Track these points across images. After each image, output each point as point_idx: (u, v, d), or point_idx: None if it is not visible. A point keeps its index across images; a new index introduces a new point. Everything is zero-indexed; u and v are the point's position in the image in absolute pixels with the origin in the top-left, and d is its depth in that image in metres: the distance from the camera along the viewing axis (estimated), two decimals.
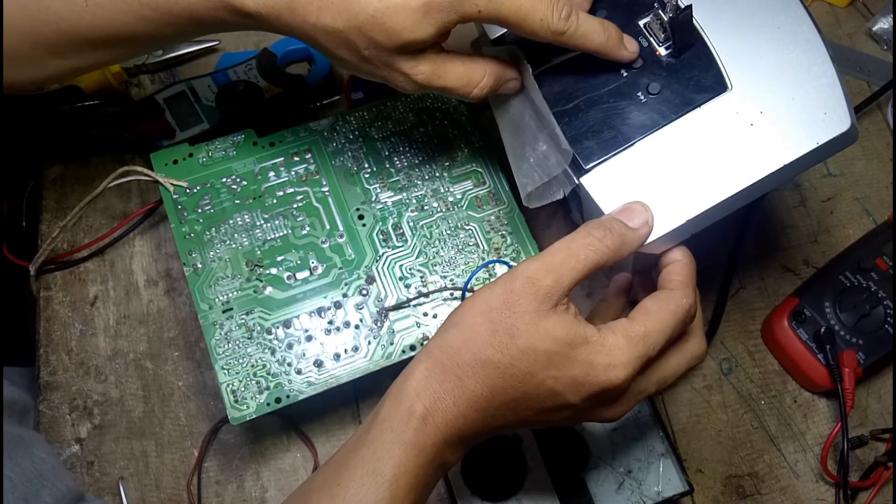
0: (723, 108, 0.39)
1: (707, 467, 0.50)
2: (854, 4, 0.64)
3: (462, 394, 0.34)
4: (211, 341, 0.46)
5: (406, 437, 0.34)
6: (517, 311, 0.34)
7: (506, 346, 0.34)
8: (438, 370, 0.35)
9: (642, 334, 0.35)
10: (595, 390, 0.35)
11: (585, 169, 0.39)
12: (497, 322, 0.35)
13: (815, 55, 0.39)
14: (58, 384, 0.51)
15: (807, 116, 0.38)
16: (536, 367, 0.34)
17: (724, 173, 0.38)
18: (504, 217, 0.50)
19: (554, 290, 0.35)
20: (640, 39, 0.40)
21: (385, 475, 0.33)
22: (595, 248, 0.36)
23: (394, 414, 0.34)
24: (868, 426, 0.51)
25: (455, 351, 0.35)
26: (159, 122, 0.56)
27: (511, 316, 0.35)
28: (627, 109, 0.39)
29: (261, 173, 0.50)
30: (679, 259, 0.38)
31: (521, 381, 0.35)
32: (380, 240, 0.49)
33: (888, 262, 0.52)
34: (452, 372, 0.35)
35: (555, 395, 0.35)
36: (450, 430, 0.34)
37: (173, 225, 0.48)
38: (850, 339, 0.50)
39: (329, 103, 0.60)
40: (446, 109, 0.53)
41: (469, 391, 0.34)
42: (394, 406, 0.35)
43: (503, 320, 0.35)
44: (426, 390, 0.35)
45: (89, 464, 0.49)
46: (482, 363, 0.35)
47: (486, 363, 0.34)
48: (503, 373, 0.34)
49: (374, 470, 0.33)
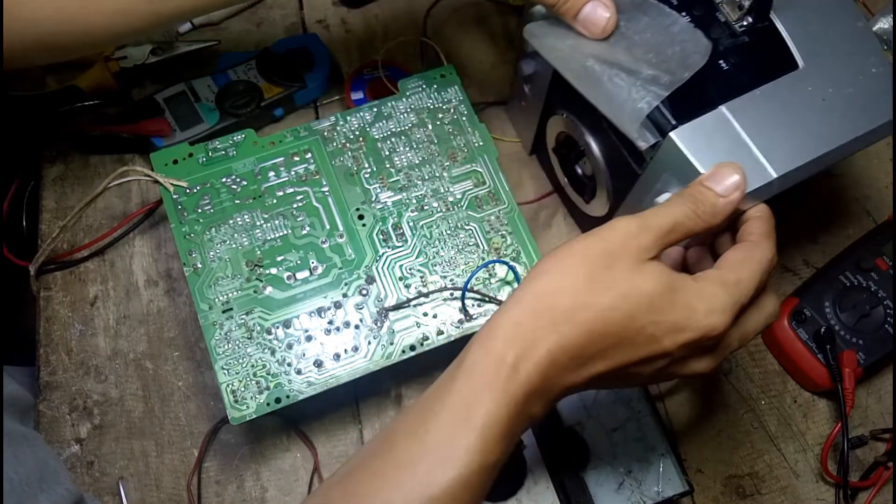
0: (796, 83, 0.42)
1: (707, 467, 0.50)
2: None
3: (556, 340, 0.33)
4: (211, 341, 0.46)
5: (496, 386, 0.32)
6: (617, 258, 0.34)
7: (607, 289, 0.33)
8: (530, 316, 0.33)
9: (735, 282, 0.35)
10: (694, 337, 0.34)
11: (674, 124, 0.40)
12: (596, 268, 0.34)
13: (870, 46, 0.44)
14: (58, 384, 0.51)
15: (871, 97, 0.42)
16: (638, 311, 0.33)
17: (802, 139, 0.40)
18: (504, 217, 0.50)
19: (651, 247, 0.35)
20: (718, 15, 0.43)
21: (475, 424, 0.32)
22: (689, 217, 0.36)
23: (482, 362, 0.33)
24: (868, 426, 0.51)
25: (550, 295, 0.34)
26: (159, 122, 0.56)
27: (611, 262, 0.34)
28: (710, 76, 0.41)
29: (261, 173, 0.50)
30: (759, 214, 0.38)
31: (621, 326, 0.33)
32: (380, 240, 0.49)
33: (888, 262, 0.52)
34: (546, 318, 0.33)
35: (652, 342, 0.34)
36: (541, 379, 0.33)
37: (173, 225, 0.48)
38: (850, 339, 0.50)
39: (329, 103, 0.61)
40: (446, 109, 0.53)
41: (564, 337, 0.33)
42: (482, 354, 0.33)
43: (602, 267, 0.34)
44: (517, 337, 0.33)
45: (89, 464, 0.49)
46: (580, 307, 0.33)
47: (585, 307, 0.33)
48: (603, 317, 0.33)
49: (464, 418, 0.32)
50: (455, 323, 0.47)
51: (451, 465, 0.31)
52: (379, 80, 0.59)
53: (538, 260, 0.36)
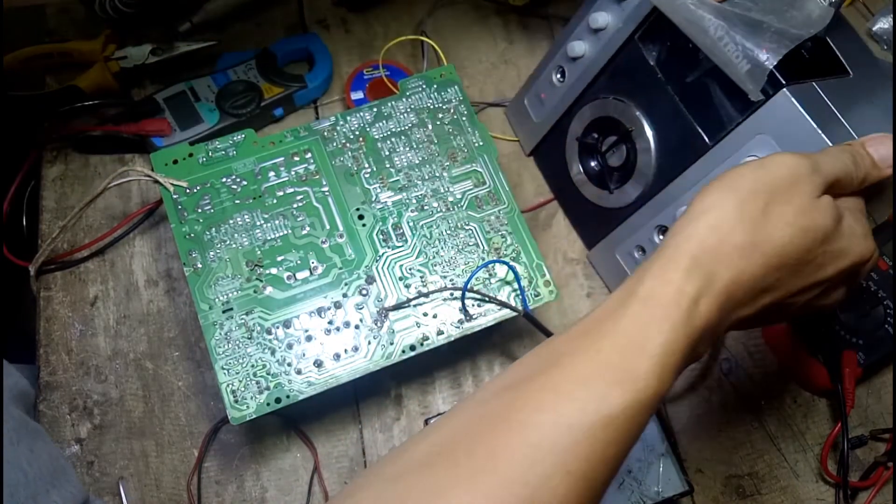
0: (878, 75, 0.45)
1: (707, 467, 0.50)
2: (854, 4, 0.64)
3: (734, 275, 0.33)
4: (211, 341, 0.46)
5: (677, 318, 0.32)
6: (792, 193, 0.34)
7: (786, 224, 0.34)
8: (708, 250, 0.33)
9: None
10: (854, 261, 0.36)
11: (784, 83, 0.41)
12: (770, 202, 0.34)
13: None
14: (58, 384, 0.51)
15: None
16: (814, 245, 0.35)
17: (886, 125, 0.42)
18: (504, 217, 0.50)
19: (820, 186, 0.35)
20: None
21: (652, 352, 0.31)
22: (849, 176, 0.37)
23: (661, 292, 0.32)
24: (868, 426, 0.51)
25: (725, 231, 0.33)
26: (159, 122, 0.56)
27: (786, 197, 0.34)
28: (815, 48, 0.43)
29: (261, 173, 0.50)
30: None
31: (795, 259, 0.34)
32: (380, 240, 0.49)
33: (888, 262, 0.52)
34: (724, 252, 0.33)
35: (818, 271, 0.35)
36: (718, 314, 0.33)
37: (173, 225, 0.48)
38: (850, 339, 0.50)
39: (329, 103, 0.61)
40: (446, 109, 0.53)
41: (741, 272, 0.33)
42: (660, 284, 0.32)
43: (776, 202, 0.34)
44: (697, 270, 0.33)
45: (89, 464, 0.49)
46: (757, 242, 0.33)
47: (762, 242, 0.34)
48: (779, 252, 0.34)
49: (640, 345, 0.31)
50: (455, 323, 0.47)
51: (629, 386, 0.31)
52: (379, 80, 0.59)
53: (701, 190, 0.35)
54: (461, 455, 0.30)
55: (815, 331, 0.51)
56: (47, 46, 0.59)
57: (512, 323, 0.49)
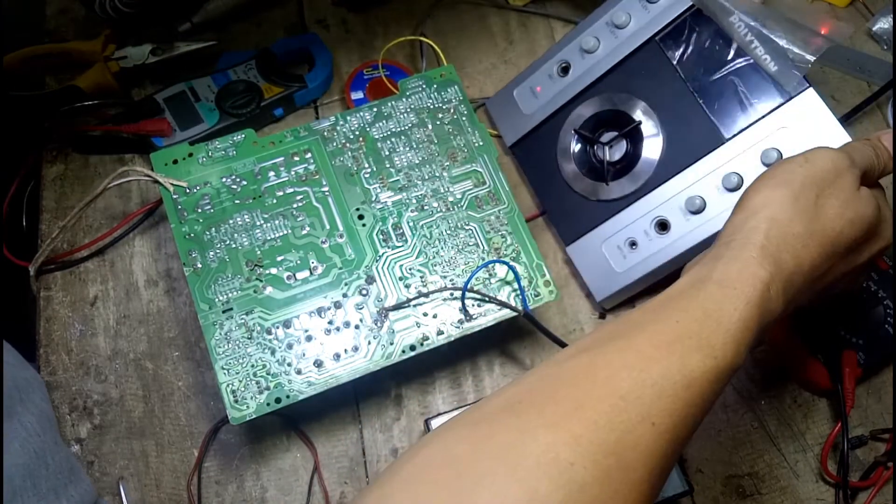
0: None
1: (707, 467, 0.50)
2: (854, 4, 0.64)
3: (796, 264, 0.36)
4: (211, 341, 0.46)
5: (753, 299, 0.34)
6: (837, 187, 0.38)
7: (837, 216, 0.37)
8: (775, 241, 0.36)
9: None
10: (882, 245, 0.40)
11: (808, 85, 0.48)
12: (820, 195, 0.37)
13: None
14: (58, 384, 0.51)
15: None
16: (861, 234, 0.38)
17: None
18: (504, 217, 0.50)
19: (858, 177, 0.39)
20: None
21: (728, 327, 0.33)
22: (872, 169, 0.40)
23: (736, 276, 0.35)
24: (868, 426, 0.51)
25: (784, 222, 0.36)
26: (159, 122, 0.56)
27: (832, 191, 0.37)
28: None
29: (261, 173, 0.50)
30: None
31: (845, 247, 0.38)
32: (380, 240, 0.49)
33: (888, 262, 0.52)
34: (787, 243, 0.36)
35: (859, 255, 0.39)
36: (784, 301, 0.36)
37: (173, 225, 0.48)
38: (850, 339, 0.50)
39: (329, 103, 0.61)
40: (446, 109, 0.53)
41: (803, 261, 0.36)
42: (735, 269, 0.35)
43: (825, 195, 0.37)
44: (767, 259, 0.35)
45: (89, 464, 0.49)
46: (813, 232, 0.36)
47: (817, 232, 0.36)
48: (833, 241, 0.37)
49: (718, 319, 0.33)
50: (455, 323, 0.47)
51: (708, 353, 0.32)
52: (379, 80, 0.59)
53: (751, 186, 0.39)
54: (547, 403, 0.31)
55: (815, 331, 0.51)
56: (47, 46, 0.59)
57: (512, 323, 0.49)
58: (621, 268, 0.52)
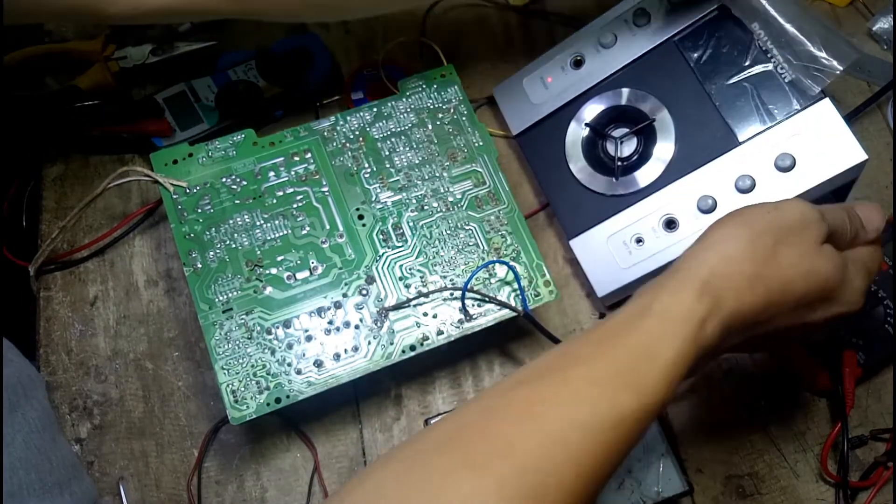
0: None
1: (707, 467, 0.50)
2: (854, 4, 0.64)
3: (737, 306, 0.35)
4: (211, 341, 0.46)
5: (686, 335, 0.34)
6: (800, 238, 0.37)
7: (791, 265, 0.36)
8: (718, 278, 0.35)
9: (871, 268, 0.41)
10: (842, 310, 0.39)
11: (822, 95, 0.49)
12: (778, 243, 0.36)
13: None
14: (58, 384, 0.51)
15: None
16: (814, 290, 0.37)
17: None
18: (504, 217, 0.50)
19: (825, 234, 0.38)
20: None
21: (662, 364, 0.33)
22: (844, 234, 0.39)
23: (675, 309, 0.35)
24: (868, 426, 0.51)
25: (736, 262, 0.36)
26: (159, 122, 0.56)
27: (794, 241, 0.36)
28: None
29: (261, 173, 0.50)
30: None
31: (794, 299, 0.37)
32: (380, 240, 0.49)
33: (888, 262, 0.52)
34: (732, 282, 0.35)
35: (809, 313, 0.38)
36: (718, 338, 0.35)
37: (173, 225, 0.48)
38: (850, 339, 0.50)
39: (329, 103, 0.61)
40: (446, 109, 0.53)
41: (744, 304, 0.35)
42: (674, 302, 0.35)
43: (785, 244, 0.36)
44: (707, 296, 0.35)
45: (89, 464, 0.49)
46: (762, 277, 0.36)
47: (767, 278, 0.36)
48: (781, 290, 0.36)
49: (652, 356, 0.34)
50: (455, 323, 0.47)
51: (640, 392, 0.33)
52: (379, 80, 0.59)
53: (716, 222, 0.38)
54: (477, 440, 0.31)
55: None
56: (47, 46, 0.59)
57: (512, 323, 0.49)
58: (626, 264, 0.51)
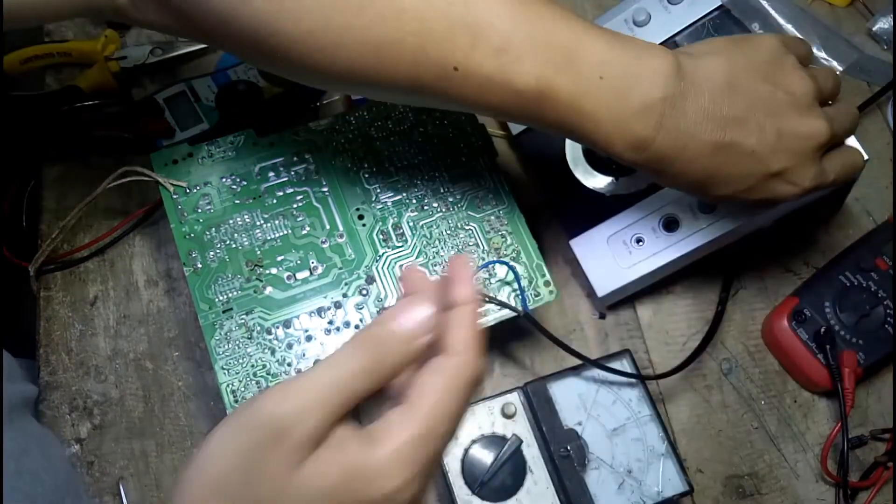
0: None
1: (707, 467, 0.50)
2: (854, 4, 0.64)
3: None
4: (211, 341, 0.46)
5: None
6: (263, 477, 0.26)
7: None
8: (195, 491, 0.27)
9: (426, 435, 0.28)
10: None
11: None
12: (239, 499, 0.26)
13: None
14: (58, 384, 0.51)
15: None
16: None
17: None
18: (504, 217, 0.50)
19: (313, 438, 0.27)
20: None
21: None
22: (365, 377, 0.30)
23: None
24: (868, 426, 0.51)
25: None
26: (159, 122, 0.56)
27: (256, 489, 0.26)
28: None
29: (261, 173, 0.50)
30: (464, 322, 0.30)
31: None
32: (380, 240, 0.49)
33: (888, 262, 0.52)
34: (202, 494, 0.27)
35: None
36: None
37: (173, 225, 0.48)
38: (850, 339, 0.50)
39: (329, 103, 0.60)
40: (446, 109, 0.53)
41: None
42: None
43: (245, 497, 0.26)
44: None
45: (89, 464, 0.49)
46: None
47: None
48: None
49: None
50: None
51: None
52: None
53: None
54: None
55: (815, 331, 0.51)
56: (47, 46, 0.59)
57: (512, 323, 0.49)
58: (626, 264, 0.51)
